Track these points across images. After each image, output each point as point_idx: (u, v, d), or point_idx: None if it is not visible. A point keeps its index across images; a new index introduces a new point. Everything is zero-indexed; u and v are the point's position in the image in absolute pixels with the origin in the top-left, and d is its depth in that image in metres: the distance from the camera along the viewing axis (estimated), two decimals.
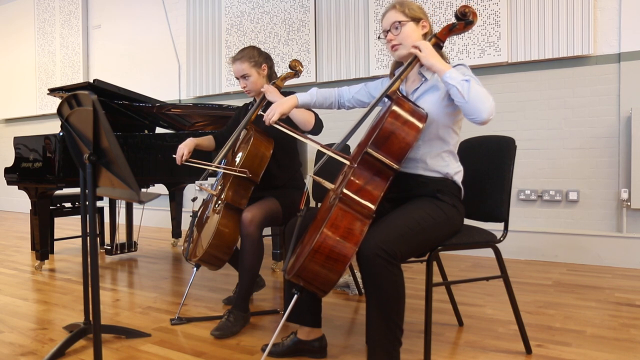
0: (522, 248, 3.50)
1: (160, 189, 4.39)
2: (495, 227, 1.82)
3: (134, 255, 3.83)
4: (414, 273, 3.01)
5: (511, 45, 3.57)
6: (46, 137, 3.06)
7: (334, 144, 1.79)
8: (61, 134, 2.98)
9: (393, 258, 1.39)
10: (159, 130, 3.87)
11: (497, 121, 3.57)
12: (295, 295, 1.53)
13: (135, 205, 4.92)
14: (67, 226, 5.29)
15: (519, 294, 2.51)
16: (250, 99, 2.45)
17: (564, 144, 3.45)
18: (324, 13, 4.43)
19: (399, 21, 1.63)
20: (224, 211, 2.13)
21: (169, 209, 4.34)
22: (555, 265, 3.30)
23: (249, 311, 2.11)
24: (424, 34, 1.67)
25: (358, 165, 1.47)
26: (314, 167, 2.03)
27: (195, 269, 2.28)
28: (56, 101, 6.27)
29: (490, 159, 1.82)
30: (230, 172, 2.14)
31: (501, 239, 1.77)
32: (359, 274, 2.68)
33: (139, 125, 3.85)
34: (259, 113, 2.27)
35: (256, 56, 2.28)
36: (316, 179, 1.59)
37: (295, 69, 2.27)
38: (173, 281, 2.99)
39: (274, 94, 2.14)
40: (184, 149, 2.26)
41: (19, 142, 3.28)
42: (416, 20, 1.65)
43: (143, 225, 5.25)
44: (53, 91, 3.30)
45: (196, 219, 2.39)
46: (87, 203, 1.47)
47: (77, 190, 3.65)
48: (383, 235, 1.41)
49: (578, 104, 3.40)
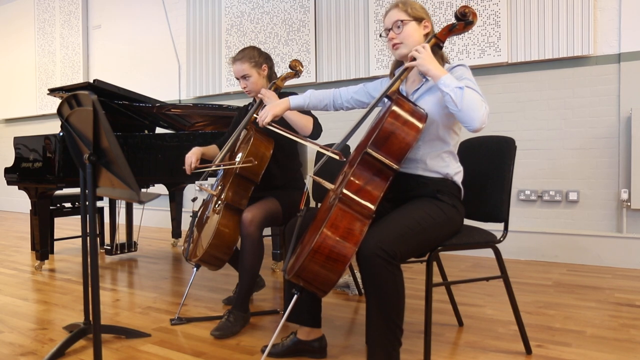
0: (522, 248, 3.50)
1: (160, 189, 4.39)
2: (495, 228, 1.82)
3: (134, 255, 3.83)
4: (414, 273, 3.01)
5: (511, 45, 3.57)
6: (46, 137, 3.06)
7: (334, 144, 1.79)
8: (61, 134, 2.98)
9: (393, 258, 1.39)
10: (159, 130, 3.87)
11: (497, 121, 3.58)
12: (295, 296, 1.54)
13: (135, 206, 4.92)
14: (67, 226, 5.29)
15: (519, 294, 2.51)
16: (251, 99, 2.45)
17: (564, 144, 3.45)
18: (324, 13, 4.43)
19: (401, 20, 1.63)
20: (224, 211, 2.14)
21: (169, 209, 4.34)
22: (555, 265, 3.30)
23: (249, 311, 2.11)
24: (426, 34, 1.67)
25: (358, 165, 1.46)
26: (314, 168, 2.03)
27: (195, 269, 2.28)
28: (56, 101, 6.26)
29: (490, 159, 1.82)
30: (237, 166, 2.13)
31: (501, 239, 1.77)
32: (359, 274, 2.68)
33: (139, 125, 3.85)
34: (258, 113, 2.27)
35: (256, 56, 2.28)
36: (316, 179, 1.59)
37: (295, 69, 2.27)
38: (173, 281, 2.99)
39: (271, 99, 2.14)
40: (192, 157, 2.26)
41: (19, 142, 3.28)
42: (418, 20, 1.65)
43: (143, 225, 5.25)
44: (53, 91, 3.30)
45: (196, 219, 2.39)
46: (87, 203, 1.47)
47: (77, 190, 3.65)
48: (383, 235, 1.41)
49: (578, 104, 3.40)
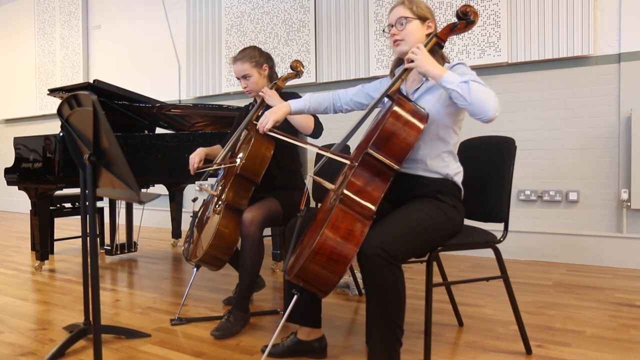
0: (522, 248, 3.50)
1: (160, 189, 4.39)
2: (495, 228, 1.82)
3: (134, 255, 3.83)
4: (414, 273, 3.01)
5: (511, 45, 3.57)
6: (46, 138, 3.06)
7: (334, 144, 1.79)
8: (61, 134, 2.98)
9: (394, 258, 1.39)
10: (159, 130, 3.87)
11: (497, 121, 3.56)
12: (295, 296, 1.53)
13: (135, 206, 4.92)
14: (67, 226, 5.29)
15: (519, 294, 2.51)
16: (251, 100, 2.45)
17: (564, 144, 3.45)
18: (324, 13, 4.43)
19: (405, 17, 1.63)
20: (225, 212, 2.13)
21: (169, 209, 4.34)
22: (555, 265, 3.30)
23: (249, 311, 2.11)
24: (428, 34, 1.66)
25: (358, 165, 1.46)
26: (314, 168, 2.02)
27: (195, 269, 2.28)
28: (56, 101, 6.26)
29: (490, 159, 1.81)
30: (238, 165, 2.14)
31: (501, 239, 1.77)
32: (359, 275, 2.68)
33: (139, 125, 3.85)
34: (258, 114, 2.27)
35: (257, 56, 2.28)
36: (316, 179, 1.59)
37: (296, 69, 2.27)
38: (173, 281, 2.99)
39: (273, 97, 2.15)
40: (196, 158, 2.30)
41: (19, 143, 3.28)
42: (422, 19, 1.64)
43: (143, 225, 5.25)
44: (53, 91, 3.30)
45: (196, 219, 2.39)
46: (87, 203, 1.47)
47: (77, 190, 3.65)
48: (384, 235, 1.41)
49: (578, 104, 3.40)
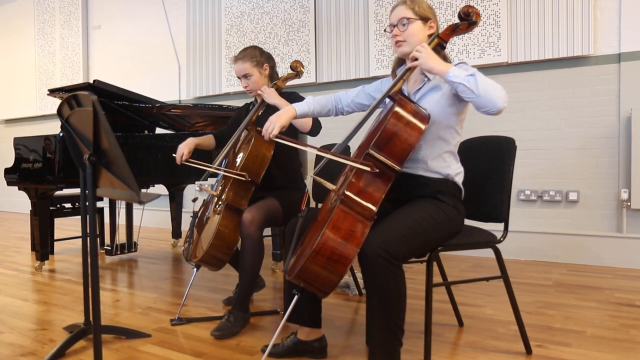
0: (522, 248, 3.50)
1: (160, 189, 4.38)
2: (496, 228, 1.82)
3: (134, 255, 3.83)
4: (414, 273, 3.00)
5: (511, 45, 3.57)
6: (46, 138, 3.05)
7: (335, 144, 1.79)
8: (61, 134, 2.98)
9: (395, 259, 1.39)
10: (159, 130, 3.86)
11: (497, 121, 3.57)
12: (295, 296, 1.53)
13: (135, 206, 4.91)
14: (67, 226, 5.29)
15: (519, 294, 2.51)
16: (252, 99, 2.45)
17: (564, 144, 3.45)
18: (324, 13, 4.43)
19: (407, 18, 1.61)
20: (225, 212, 2.13)
21: (169, 209, 4.33)
22: (555, 265, 3.30)
23: (249, 311, 2.11)
24: (430, 35, 1.64)
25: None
26: (315, 168, 2.01)
27: (195, 269, 2.28)
28: (56, 102, 6.26)
29: (490, 159, 1.81)
30: (229, 175, 2.14)
31: (501, 239, 1.77)
32: (359, 275, 2.68)
33: (139, 125, 3.85)
34: (259, 114, 2.27)
35: (258, 56, 2.28)
36: (317, 179, 1.58)
37: (296, 69, 2.27)
38: (173, 282, 2.98)
39: (272, 96, 2.14)
40: (184, 149, 2.26)
41: (19, 143, 3.28)
42: (424, 19, 1.63)
43: (143, 225, 5.24)
44: (53, 92, 3.30)
45: (196, 219, 2.39)
46: (87, 203, 1.47)
47: (77, 190, 3.65)
48: (385, 235, 1.41)
49: (578, 104, 3.40)
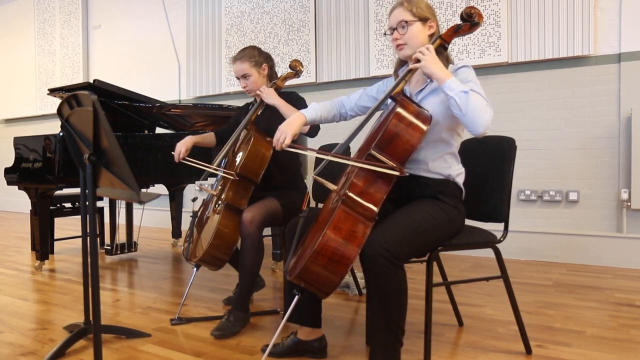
0: (522, 248, 3.50)
1: (160, 189, 4.38)
2: (496, 228, 1.82)
3: (134, 255, 3.83)
4: (414, 273, 3.00)
5: (511, 45, 3.57)
6: (46, 137, 3.05)
7: (336, 144, 1.78)
8: (61, 134, 2.98)
9: (396, 259, 1.39)
10: (159, 130, 3.86)
11: (497, 121, 3.57)
12: (296, 297, 1.53)
13: (135, 206, 4.91)
14: (67, 226, 5.29)
15: (519, 294, 2.51)
16: (252, 99, 2.45)
17: (564, 144, 3.45)
18: (324, 13, 4.43)
19: (406, 21, 1.60)
20: (224, 211, 2.13)
21: (169, 209, 4.33)
22: (555, 265, 3.30)
23: (249, 311, 2.11)
24: (431, 35, 1.64)
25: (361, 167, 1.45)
26: (315, 168, 2.02)
27: (195, 269, 2.28)
28: (56, 101, 6.26)
29: (491, 159, 1.81)
30: (216, 172, 2.20)
31: (501, 239, 1.77)
32: (359, 275, 2.68)
33: (139, 125, 3.85)
34: (258, 114, 2.27)
35: (256, 56, 2.28)
36: (318, 179, 1.58)
37: (295, 69, 2.27)
38: (173, 281, 2.98)
39: (271, 96, 2.14)
40: (182, 147, 2.28)
41: (19, 142, 3.28)
42: (424, 20, 1.62)
43: (143, 225, 5.24)
44: (53, 91, 3.30)
45: (196, 219, 2.39)
46: (87, 203, 1.47)
47: (77, 190, 3.65)
48: (386, 236, 1.40)
49: (578, 104, 3.40)
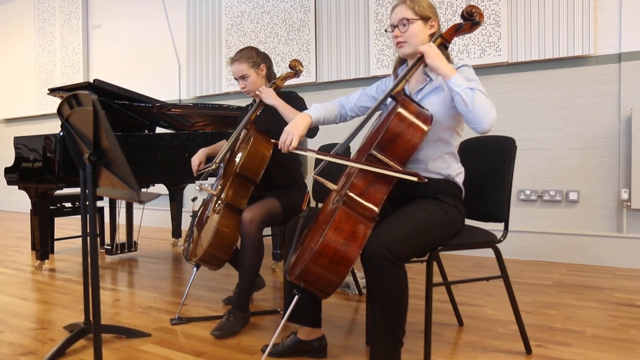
0: (522, 248, 3.50)
1: (160, 189, 4.39)
2: (496, 227, 1.82)
3: (134, 255, 3.83)
4: (414, 273, 3.00)
5: (511, 45, 3.57)
6: (46, 137, 3.05)
7: (336, 144, 1.78)
8: (61, 134, 2.98)
9: (398, 259, 1.39)
10: (159, 130, 3.86)
11: (497, 121, 3.54)
12: (296, 297, 1.53)
13: (136, 205, 4.91)
14: (67, 226, 5.29)
15: (519, 294, 2.51)
16: (251, 100, 2.45)
17: (564, 144, 3.45)
18: (324, 13, 4.43)
19: (407, 19, 1.60)
20: (224, 211, 2.13)
21: (169, 208, 4.33)
22: (555, 265, 3.30)
23: (249, 311, 2.11)
24: (432, 34, 1.64)
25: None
26: (315, 168, 2.01)
27: (195, 268, 2.28)
28: (56, 101, 6.26)
29: (491, 159, 1.81)
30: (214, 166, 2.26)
31: (501, 239, 1.77)
32: (359, 274, 2.68)
33: (139, 125, 3.85)
34: (257, 114, 2.27)
35: (254, 56, 2.28)
36: (319, 179, 1.57)
37: (295, 68, 2.27)
38: (173, 281, 2.99)
39: (270, 96, 2.14)
40: (195, 161, 2.38)
41: (19, 142, 3.28)
42: (425, 19, 1.62)
43: (143, 225, 5.24)
44: (53, 91, 3.30)
45: (196, 218, 2.39)
46: (87, 203, 1.47)
47: (77, 190, 3.65)
48: (387, 236, 1.40)
49: (578, 104, 3.40)
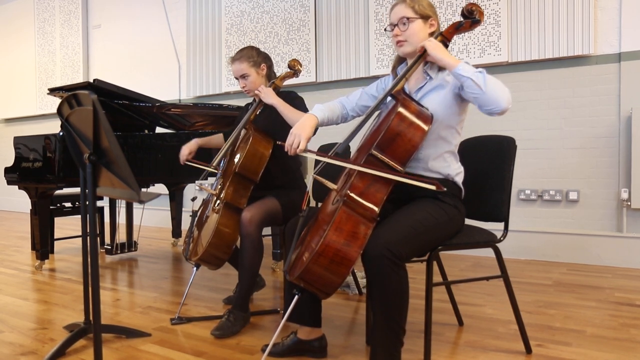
0: (522, 248, 3.50)
1: (160, 188, 4.39)
2: (496, 227, 1.82)
3: (134, 255, 3.83)
4: (414, 273, 3.00)
5: (511, 45, 3.57)
6: (46, 137, 3.06)
7: (337, 143, 1.78)
8: (61, 133, 2.98)
9: (398, 259, 1.39)
10: (159, 130, 3.87)
11: (497, 121, 3.57)
12: (296, 297, 1.53)
13: (136, 205, 4.92)
14: (67, 226, 5.29)
15: (519, 293, 2.51)
16: (251, 99, 2.45)
17: (564, 144, 3.45)
18: (324, 13, 4.43)
19: (407, 17, 1.59)
20: (224, 210, 2.14)
21: (169, 208, 4.33)
22: (555, 265, 3.30)
23: (249, 311, 2.11)
24: (431, 33, 1.63)
25: (362, 167, 1.45)
26: (315, 167, 2.01)
27: (195, 268, 2.28)
28: (56, 101, 6.26)
29: (491, 159, 1.81)
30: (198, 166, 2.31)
31: (501, 238, 1.77)
32: (359, 274, 2.68)
33: (139, 125, 3.85)
34: (257, 113, 2.27)
35: (255, 56, 2.29)
36: (318, 179, 1.57)
37: (294, 68, 2.27)
38: (173, 281, 2.99)
39: (270, 96, 2.14)
40: (185, 150, 2.39)
41: (19, 142, 3.28)
42: (425, 17, 1.61)
43: (143, 225, 5.25)
44: (53, 91, 3.30)
45: (196, 218, 2.39)
46: (87, 203, 1.47)
47: (77, 190, 3.65)
48: (388, 236, 1.40)
49: (578, 103, 3.40)
